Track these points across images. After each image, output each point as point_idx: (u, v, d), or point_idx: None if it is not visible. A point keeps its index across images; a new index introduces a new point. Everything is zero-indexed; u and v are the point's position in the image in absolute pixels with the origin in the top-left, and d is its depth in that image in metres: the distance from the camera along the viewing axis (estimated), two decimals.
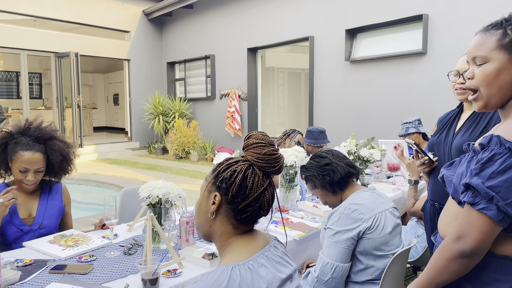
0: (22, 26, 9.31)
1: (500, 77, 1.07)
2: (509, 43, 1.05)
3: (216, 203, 1.06)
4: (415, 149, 1.97)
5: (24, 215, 2.06)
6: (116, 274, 1.58)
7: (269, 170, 1.08)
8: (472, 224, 1.00)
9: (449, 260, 1.04)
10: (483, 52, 1.09)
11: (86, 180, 7.09)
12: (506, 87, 1.07)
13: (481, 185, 0.97)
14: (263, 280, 1.01)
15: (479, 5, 5.18)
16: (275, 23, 8.09)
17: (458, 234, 1.02)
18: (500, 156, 0.97)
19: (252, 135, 1.10)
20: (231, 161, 1.09)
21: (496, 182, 0.95)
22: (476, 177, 0.99)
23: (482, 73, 1.09)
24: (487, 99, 1.10)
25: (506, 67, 1.06)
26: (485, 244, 1.00)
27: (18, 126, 2.09)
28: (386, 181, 3.47)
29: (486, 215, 0.98)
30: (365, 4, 6.49)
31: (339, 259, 1.72)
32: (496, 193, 0.95)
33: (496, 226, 0.98)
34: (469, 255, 1.01)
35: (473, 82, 1.12)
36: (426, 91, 5.81)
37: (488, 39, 1.09)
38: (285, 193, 2.71)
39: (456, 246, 1.02)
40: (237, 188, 1.04)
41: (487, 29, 1.11)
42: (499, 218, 0.97)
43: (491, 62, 1.08)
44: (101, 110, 16.77)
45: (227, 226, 1.09)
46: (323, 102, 7.30)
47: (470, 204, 1.00)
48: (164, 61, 11.36)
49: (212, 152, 9.42)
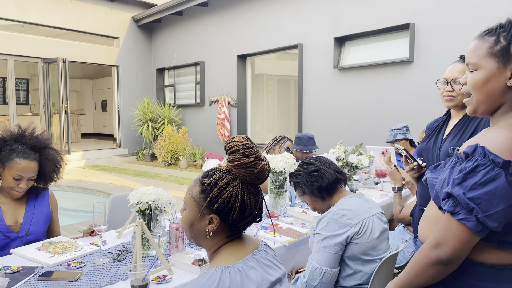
0: (9, 31, 9.22)
1: (488, 85, 1.06)
2: (499, 50, 1.04)
3: (215, 227, 1.07)
4: (405, 154, 2.00)
5: (11, 222, 2.03)
6: (105, 280, 1.57)
7: (260, 182, 1.10)
8: (451, 233, 1.00)
9: (427, 265, 1.05)
10: (474, 59, 1.09)
11: (74, 187, 7.00)
12: (495, 95, 1.07)
13: (462, 196, 0.97)
14: (253, 282, 1.03)
15: (464, 14, 5.30)
16: (265, 31, 8.15)
17: (436, 241, 1.03)
18: (483, 167, 0.96)
19: (236, 150, 1.06)
20: (221, 183, 1.06)
21: (477, 193, 0.95)
22: (458, 187, 0.99)
23: (472, 80, 1.10)
24: (476, 105, 1.11)
25: (495, 75, 1.05)
26: (462, 252, 1.01)
27: (10, 132, 2.07)
28: (374, 187, 3.51)
29: (465, 226, 0.98)
30: (353, 13, 6.59)
31: (327, 264, 1.74)
32: (477, 205, 0.95)
33: (474, 237, 0.99)
34: (446, 263, 1.02)
35: (466, 87, 1.13)
36: (413, 99, 5.90)
37: (481, 46, 1.08)
38: (275, 199, 2.72)
39: (434, 253, 1.03)
40: (237, 214, 1.06)
41: (482, 35, 1.10)
42: (477, 229, 0.97)
43: (481, 70, 1.08)
44: (89, 116, 16.61)
45: (220, 238, 1.11)
46: (312, 109, 7.36)
47: (451, 213, 1.00)
48: (153, 67, 11.33)
49: (202, 159, 9.40)
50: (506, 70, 1.04)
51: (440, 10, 5.55)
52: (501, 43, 1.04)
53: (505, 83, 1.05)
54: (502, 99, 1.07)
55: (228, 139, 1.10)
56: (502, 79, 1.05)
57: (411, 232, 2.72)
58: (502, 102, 1.08)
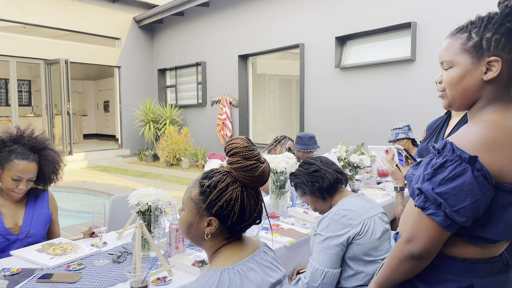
0: (11, 33, 9.24)
1: (463, 81, 1.07)
2: (472, 46, 1.05)
3: (213, 229, 1.06)
4: (405, 154, 1.99)
5: (10, 224, 2.03)
6: (105, 282, 1.56)
7: (260, 185, 1.09)
8: (422, 228, 1.02)
9: (401, 261, 1.06)
10: (448, 57, 1.10)
11: (76, 188, 7.01)
12: (470, 90, 1.07)
13: (431, 191, 0.98)
14: (252, 284, 1.02)
15: (466, 12, 5.27)
16: (266, 30, 8.14)
17: (409, 236, 1.05)
18: (451, 163, 0.97)
19: (237, 152, 1.05)
20: (221, 185, 1.05)
21: (445, 189, 0.96)
22: (428, 182, 1.00)
23: (448, 77, 1.11)
24: (452, 100, 1.12)
25: (470, 71, 1.06)
26: (434, 247, 1.02)
27: (9, 133, 2.07)
28: (376, 187, 3.49)
29: (434, 221, 0.99)
30: (354, 12, 6.57)
31: (329, 265, 1.73)
32: (444, 200, 0.96)
33: (443, 232, 1.00)
34: (418, 257, 1.03)
35: (441, 85, 1.15)
36: (415, 98, 5.88)
37: (454, 43, 1.10)
38: (276, 199, 2.71)
39: (407, 248, 1.04)
40: (237, 217, 1.05)
41: (454, 33, 1.11)
42: (446, 224, 0.98)
43: (456, 67, 1.08)
44: (91, 117, 16.64)
45: (219, 239, 1.10)
46: (314, 109, 7.34)
47: (421, 208, 1.02)
48: (155, 68, 11.34)
49: (203, 159, 9.40)
50: (480, 65, 1.05)
51: (442, 9, 5.53)
52: (473, 38, 1.06)
53: (481, 78, 1.06)
54: (478, 94, 1.08)
55: (229, 140, 1.08)
56: (477, 74, 1.06)
57: None
58: (478, 97, 1.08)
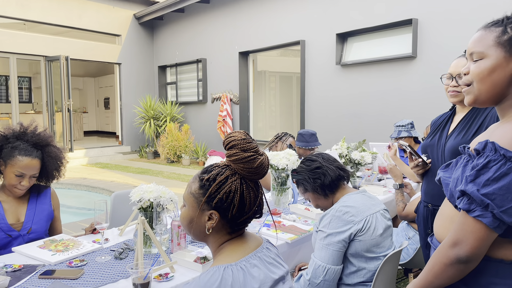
0: (11, 29, 9.22)
1: (494, 74, 1.05)
2: (507, 40, 1.04)
3: (214, 223, 1.06)
4: (409, 151, 1.98)
5: (12, 220, 2.03)
6: (107, 279, 1.56)
7: (259, 177, 1.08)
8: (468, 231, 0.99)
9: (446, 265, 1.04)
10: (480, 48, 1.08)
11: (77, 184, 7.02)
12: (500, 85, 1.05)
13: (476, 193, 0.96)
14: (256, 280, 1.02)
15: (467, 9, 5.25)
16: (267, 27, 8.12)
17: (454, 240, 1.02)
18: (495, 163, 0.96)
19: (235, 144, 1.05)
20: (220, 178, 1.05)
21: (491, 189, 0.94)
22: (471, 184, 0.98)
23: (477, 68, 1.08)
24: (478, 94, 1.09)
25: (501, 65, 1.04)
26: (481, 250, 1.00)
27: (12, 130, 2.07)
28: (377, 183, 3.49)
29: (481, 222, 0.97)
30: (355, 9, 6.55)
31: (330, 262, 1.73)
32: (491, 201, 0.94)
33: (491, 233, 0.98)
34: (465, 261, 1.01)
35: (468, 77, 1.11)
36: (416, 94, 5.87)
37: (487, 36, 1.07)
38: (277, 196, 2.71)
39: (453, 252, 1.02)
40: (236, 209, 1.05)
41: (488, 26, 1.09)
42: (494, 225, 0.96)
43: (487, 59, 1.06)
44: (92, 114, 16.63)
45: (221, 234, 1.10)
46: (315, 106, 7.33)
47: (466, 211, 0.99)
48: (155, 64, 11.32)
49: (204, 156, 9.39)
50: None
51: (443, 5, 5.50)
52: (509, 33, 1.04)
53: (511, 73, 1.04)
54: (506, 90, 1.06)
55: (227, 134, 1.09)
56: (508, 70, 1.04)
57: (414, 229, 2.71)
58: (506, 94, 1.06)
